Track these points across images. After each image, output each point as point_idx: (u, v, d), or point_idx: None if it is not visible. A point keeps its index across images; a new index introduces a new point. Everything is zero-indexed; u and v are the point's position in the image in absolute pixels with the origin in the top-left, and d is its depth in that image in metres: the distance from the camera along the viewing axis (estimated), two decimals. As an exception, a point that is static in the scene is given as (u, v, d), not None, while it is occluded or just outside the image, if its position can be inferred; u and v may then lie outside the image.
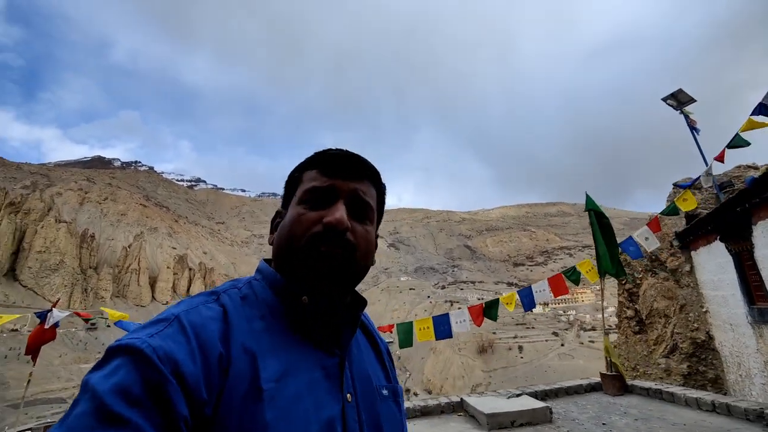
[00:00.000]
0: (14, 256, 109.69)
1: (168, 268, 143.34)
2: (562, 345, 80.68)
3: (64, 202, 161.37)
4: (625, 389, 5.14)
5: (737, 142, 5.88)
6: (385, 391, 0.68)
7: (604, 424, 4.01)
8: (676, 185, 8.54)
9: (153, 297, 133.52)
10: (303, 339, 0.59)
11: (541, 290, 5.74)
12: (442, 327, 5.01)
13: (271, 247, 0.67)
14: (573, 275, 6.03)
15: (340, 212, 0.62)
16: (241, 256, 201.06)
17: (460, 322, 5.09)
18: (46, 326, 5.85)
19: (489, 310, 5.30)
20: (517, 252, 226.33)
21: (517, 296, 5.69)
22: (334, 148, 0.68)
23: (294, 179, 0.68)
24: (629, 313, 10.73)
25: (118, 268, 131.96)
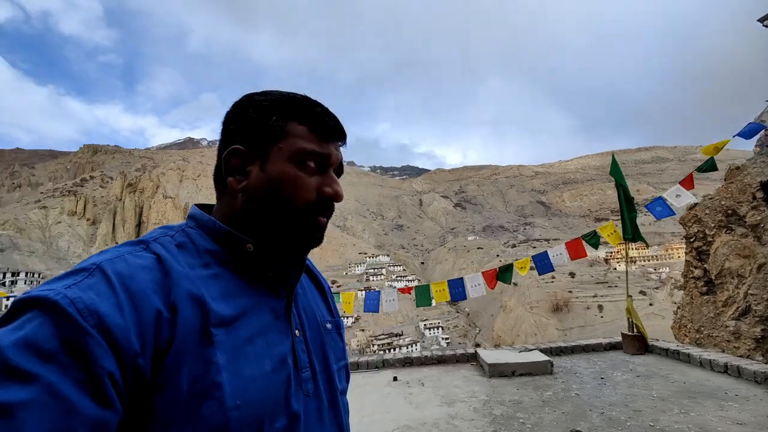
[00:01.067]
0: (138, 228, 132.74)
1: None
2: (650, 305, 73.99)
3: (167, 181, 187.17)
4: (645, 349, 5.17)
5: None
6: (328, 325, 0.72)
7: (602, 378, 4.23)
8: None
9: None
10: (250, 284, 0.59)
11: (558, 254, 5.75)
12: (458, 289, 5.46)
13: (233, 188, 0.61)
14: (593, 239, 5.88)
15: (338, 184, 0.63)
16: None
17: (475, 285, 5.46)
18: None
19: (503, 274, 5.54)
20: (600, 206, 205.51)
21: (531, 260, 5.81)
22: (315, 102, 0.65)
23: (271, 125, 0.61)
24: (697, 272, 9.83)
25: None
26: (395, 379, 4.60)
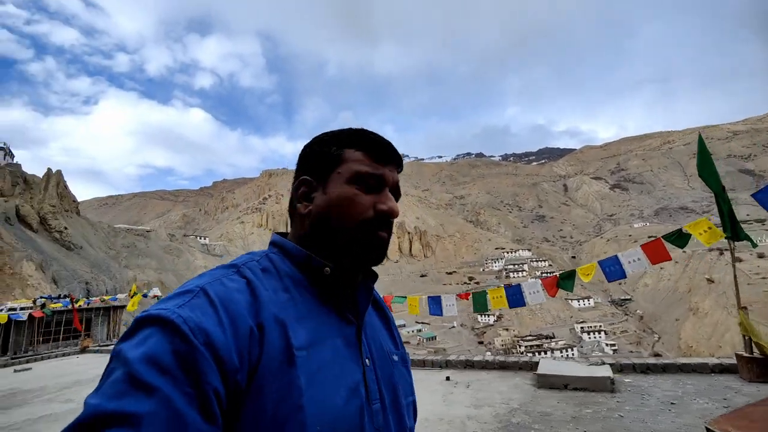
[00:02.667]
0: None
1: (393, 233, 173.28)
2: None
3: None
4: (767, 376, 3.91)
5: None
6: (395, 357, 0.72)
7: (672, 403, 3.54)
8: None
9: (387, 257, 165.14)
10: (324, 309, 0.62)
11: (634, 260, 4.78)
12: (516, 297, 5.22)
13: (300, 213, 0.67)
14: (679, 239, 4.63)
15: (393, 201, 0.67)
16: (447, 217, 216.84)
17: (534, 292, 5.12)
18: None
19: (564, 281, 4.98)
20: None
21: (597, 266, 4.96)
22: (370, 131, 0.70)
23: (331, 154, 0.67)
24: None
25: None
26: (447, 378, 4.93)
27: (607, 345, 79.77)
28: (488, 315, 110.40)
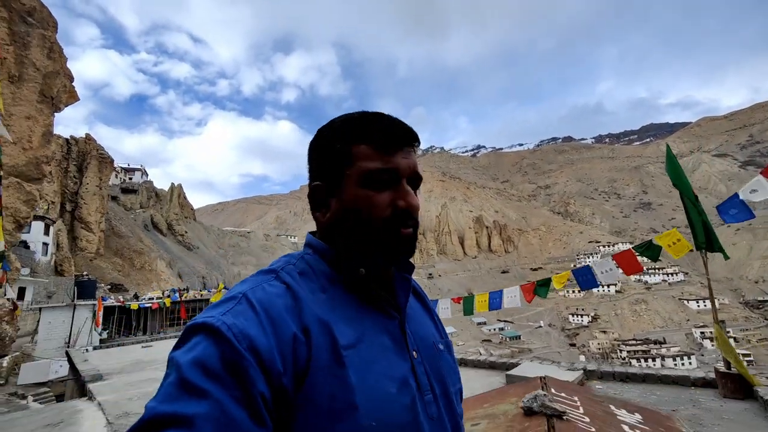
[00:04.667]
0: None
1: (469, 228, 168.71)
2: None
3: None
4: (745, 393, 3.57)
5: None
6: (441, 346, 0.72)
7: None
8: None
9: (464, 252, 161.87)
10: (364, 306, 0.63)
11: (606, 270, 4.57)
12: (495, 300, 5.41)
13: (320, 221, 0.67)
14: (648, 251, 4.28)
15: (411, 195, 0.64)
16: (530, 209, 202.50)
17: (512, 297, 5.23)
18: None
19: (540, 288, 4.96)
20: None
21: (571, 275, 4.80)
22: (375, 115, 0.67)
23: (339, 152, 0.64)
24: None
25: (437, 233, 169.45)
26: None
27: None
28: (581, 315, 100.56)
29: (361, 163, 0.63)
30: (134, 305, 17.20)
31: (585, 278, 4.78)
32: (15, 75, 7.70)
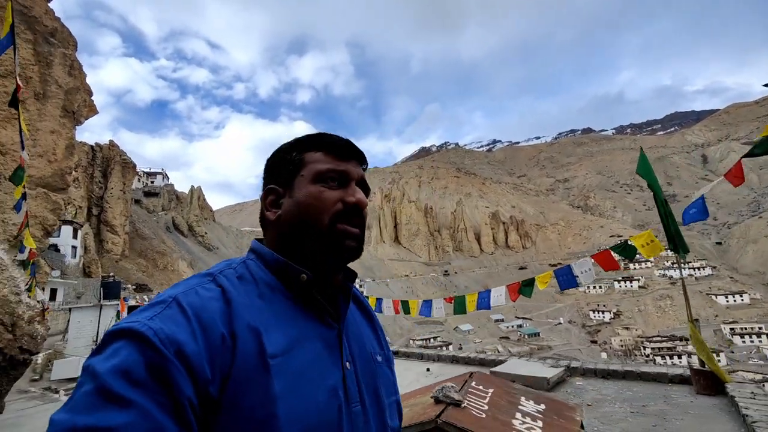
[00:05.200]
0: (395, 229, 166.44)
1: (485, 224, 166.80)
2: None
3: (410, 188, 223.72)
4: (716, 389, 3.65)
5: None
6: (379, 357, 0.72)
7: (589, 405, 3.71)
8: None
9: (481, 249, 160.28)
10: (302, 314, 0.62)
11: (585, 270, 4.66)
12: (484, 300, 5.54)
13: (270, 221, 0.68)
14: (624, 251, 4.34)
15: (361, 193, 0.68)
16: (548, 203, 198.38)
17: (498, 296, 5.36)
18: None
19: (524, 288, 5.07)
20: None
21: (553, 276, 4.89)
22: (328, 133, 0.71)
23: (293, 159, 0.68)
24: None
25: (452, 229, 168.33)
26: (428, 370, 5.68)
27: (770, 351, 63.91)
28: (602, 311, 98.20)
29: (314, 165, 0.67)
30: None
31: (565, 278, 4.89)
32: (40, 92, 8.29)
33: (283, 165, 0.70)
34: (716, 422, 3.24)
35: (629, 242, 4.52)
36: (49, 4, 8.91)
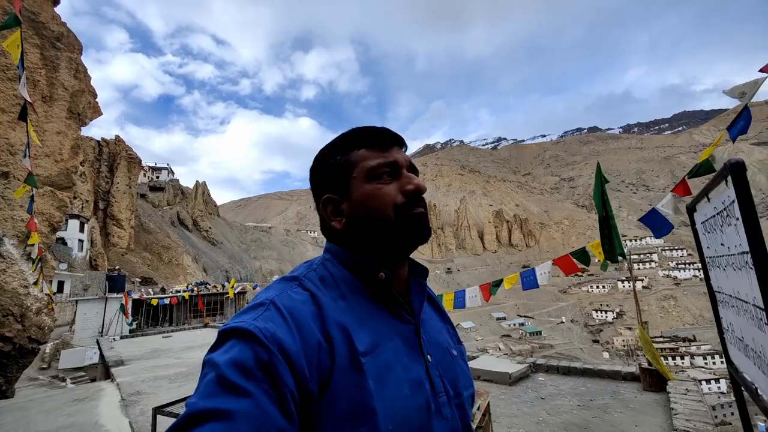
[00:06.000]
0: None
1: (489, 222, 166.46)
2: None
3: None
4: (660, 386, 3.97)
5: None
6: (454, 351, 0.74)
7: (542, 398, 4.07)
8: None
9: (484, 247, 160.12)
10: (381, 311, 0.65)
11: (545, 272, 4.98)
12: (459, 299, 5.86)
13: (337, 229, 0.69)
14: (582, 257, 4.65)
15: (417, 179, 0.68)
16: (553, 202, 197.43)
17: (473, 296, 5.67)
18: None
19: (494, 287, 5.39)
20: None
21: (519, 277, 5.20)
22: (361, 127, 0.71)
23: (341, 163, 0.69)
24: None
25: (455, 227, 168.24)
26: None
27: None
28: (605, 311, 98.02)
29: (363, 163, 0.67)
30: (154, 300, 18.71)
31: (529, 279, 5.21)
32: (47, 96, 8.75)
33: (331, 172, 0.70)
34: (650, 415, 3.58)
35: (587, 249, 4.83)
36: (55, 9, 9.32)
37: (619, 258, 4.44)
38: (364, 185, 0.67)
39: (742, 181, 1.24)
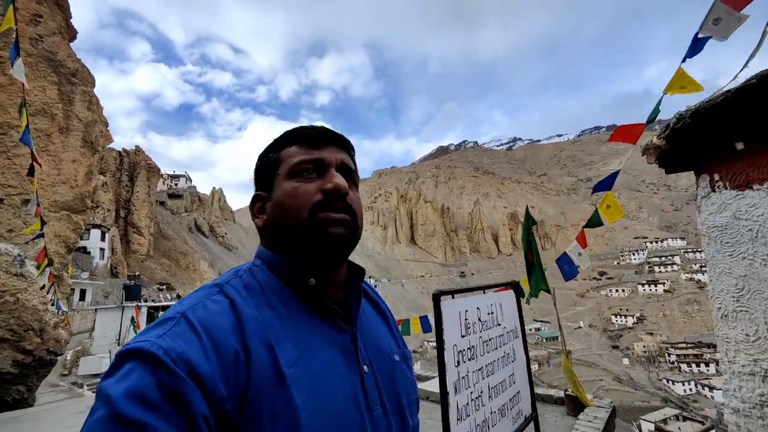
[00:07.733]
0: (411, 229, 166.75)
1: (503, 225, 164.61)
2: None
3: (426, 187, 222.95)
4: (579, 412, 4.37)
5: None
6: (396, 356, 0.70)
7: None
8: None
9: (498, 250, 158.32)
10: (313, 320, 0.60)
11: (578, 254, 5.18)
12: (425, 325, 6.19)
13: (260, 227, 0.66)
14: (592, 221, 4.81)
15: (338, 177, 0.63)
16: (569, 204, 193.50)
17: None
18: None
19: (529, 296, 5.64)
20: None
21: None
22: (303, 125, 0.68)
23: (271, 160, 0.66)
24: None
25: (469, 230, 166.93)
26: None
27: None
28: (625, 316, 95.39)
29: (288, 160, 0.65)
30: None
31: (567, 267, 4.36)
32: (64, 127, 9.70)
33: (263, 168, 0.68)
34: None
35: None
36: (71, 45, 10.30)
37: (542, 292, 4.83)
38: (284, 183, 0.64)
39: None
